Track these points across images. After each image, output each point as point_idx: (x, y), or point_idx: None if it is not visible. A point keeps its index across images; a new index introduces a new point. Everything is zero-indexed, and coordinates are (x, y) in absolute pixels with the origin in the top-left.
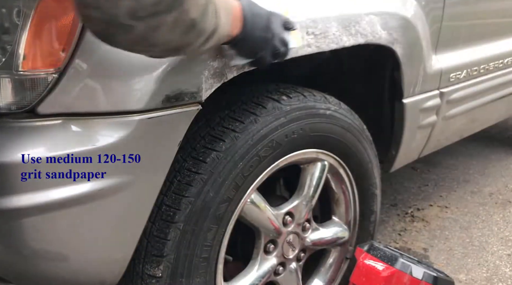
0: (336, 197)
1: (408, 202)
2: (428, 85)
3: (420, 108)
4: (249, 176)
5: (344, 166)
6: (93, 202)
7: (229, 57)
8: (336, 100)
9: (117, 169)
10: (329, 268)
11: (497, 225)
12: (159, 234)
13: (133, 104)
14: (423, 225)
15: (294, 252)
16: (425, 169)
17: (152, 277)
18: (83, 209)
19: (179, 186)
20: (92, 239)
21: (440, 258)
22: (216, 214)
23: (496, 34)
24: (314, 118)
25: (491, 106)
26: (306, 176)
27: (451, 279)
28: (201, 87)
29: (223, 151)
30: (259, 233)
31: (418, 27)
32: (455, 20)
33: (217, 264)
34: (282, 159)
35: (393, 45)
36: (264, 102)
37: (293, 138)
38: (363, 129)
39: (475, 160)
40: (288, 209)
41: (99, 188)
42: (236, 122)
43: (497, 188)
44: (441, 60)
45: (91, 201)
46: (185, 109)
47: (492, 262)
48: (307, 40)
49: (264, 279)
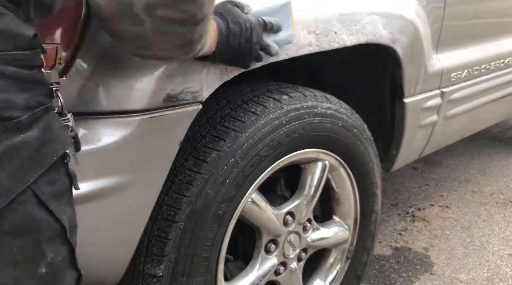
0: (336, 197)
1: (409, 201)
2: (429, 84)
3: (421, 107)
4: (250, 176)
5: (345, 165)
6: (94, 201)
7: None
8: (337, 99)
9: (118, 169)
10: (330, 268)
11: (498, 225)
12: (160, 234)
13: (134, 104)
14: (424, 224)
15: (295, 252)
16: (426, 169)
17: (152, 277)
18: (84, 209)
19: (180, 185)
20: (93, 239)
21: (441, 258)
22: (217, 213)
23: (497, 33)
24: (315, 117)
25: (492, 105)
26: (307, 176)
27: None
28: (202, 86)
29: (224, 150)
30: (260, 233)
31: (419, 26)
32: (456, 19)
33: (218, 263)
34: (283, 158)
35: (394, 45)
36: (265, 102)
37: (294, 137)
38: (364, 128)
39: (476, 159)
40: (289, 209)
41: (100, 188)
42: (237, 122)
43: (498, 188)
44: (442, 60)
45: (92, 200)
46: (186, 109)
47: (493, 262)
48: (308, 39)
49: (265, 278)
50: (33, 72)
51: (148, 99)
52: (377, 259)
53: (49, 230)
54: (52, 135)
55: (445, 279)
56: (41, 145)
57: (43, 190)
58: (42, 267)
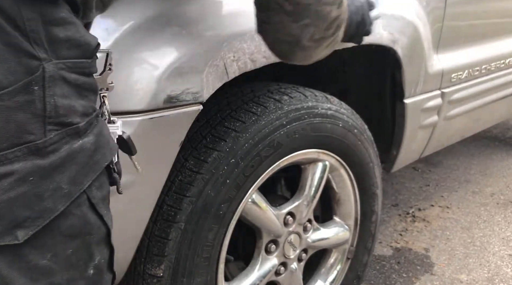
0: (337, 197)
1: (409, 202)
2: (429, 85)
3: (422, 108)
4: (250, 176)
5: (345, 166)
6: None
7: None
8: (337, 100)
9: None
10: (330, 268)
11: (499, 225)
12: (160, 234)
13: (135, 105)
14: (424, 225)
15: (295, 252)
16: (426, 169)
17: (153, 277)
18: None
19: (180, 185)
20: None
21: (441, 259)
22: (217, 214)
23: (497, 34)
24: (315, 118)
25: (492, 106)
26: (307, 176)
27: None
28: (202, 87)
29: (225, 151)
30: (260, 233)
31: (419, 27)
32: (456, 20)
33: (218, 263)
34: (283, 159)
35: (394, 45)
36: (266, 102)
37: (294, 138)
38: (365, 129)
39: (476, 160)
40: (289, 209)
41: None
42: (237, 122)
43: (498, 188)
44: (443, 60)
45: None
46: (186, 109)
47: (494, 263)
48: None
49: (265, 279)
50: (90, 79)
51: (148, 100)
52: (377, 260)
53: (98, 233)
54: (103, 141)
55: (445, 280)
56: (95, 150)
57: (94, 194)
58: (91, 268)
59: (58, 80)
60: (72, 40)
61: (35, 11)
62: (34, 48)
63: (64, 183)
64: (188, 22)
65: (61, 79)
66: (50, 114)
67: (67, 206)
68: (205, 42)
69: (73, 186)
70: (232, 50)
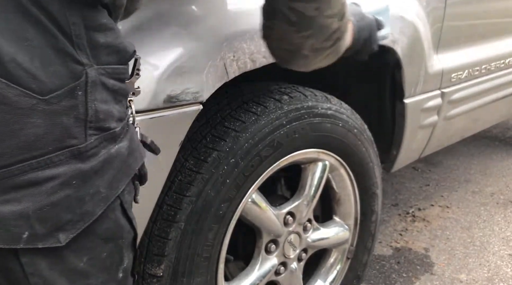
0: (337, 197)
1: (409, 202)
2: (429, 85)
3: (421, 108)
4: (250, 176)
5: (345, 166)
6: None
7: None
8: (337, 99)
9: None
10: (330, 268)
11: (499, 225)
12: (160, 234)
13: (135, 104)
14: (424, 225)
15: (295, 252)
16: (426, 169)
17: (153, 277)
18: None
19: (180, 185)
20: None
21: (441, 258)
22: (217, 213)
23: (497, 34)
24: (315, 117)
25: (492, 106)
26: (307, 176)
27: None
28: (202, 87)
29: (225, 150)
30: (260, 233)
31: (419, 27)
32: (456, 20)
33: (218, 263)
34: (283, 158)
35: (394, 45)
36: (266, 102)
37: (294, 137)
38: (364, 129)
39: (476, 160)
40: (289, 209)
41: None
42: (237, 122)
43: (498, 188)
44: (443, 60)
45: None
46: (186, 109)
47: (494, 262)
48: None
49: (265, 278)
50: (124, 84)
51: (148, 100)
52: (377, 259)
53: (127, 237)
54: (134, 146)
55: (445, 279)
56: (128, 155)
57: (126, 199)
58: (121, 271)
59: (98, 86)
60: (111, 46)
61: (79, 16)
62: (77, 53)
63: (102, 187)
64: (188, 22)
65: (101, 85)
66: (91, 118)
67: (104, 210)
68: (205, 42)
69: (110, 190)
70: (232, 50)
